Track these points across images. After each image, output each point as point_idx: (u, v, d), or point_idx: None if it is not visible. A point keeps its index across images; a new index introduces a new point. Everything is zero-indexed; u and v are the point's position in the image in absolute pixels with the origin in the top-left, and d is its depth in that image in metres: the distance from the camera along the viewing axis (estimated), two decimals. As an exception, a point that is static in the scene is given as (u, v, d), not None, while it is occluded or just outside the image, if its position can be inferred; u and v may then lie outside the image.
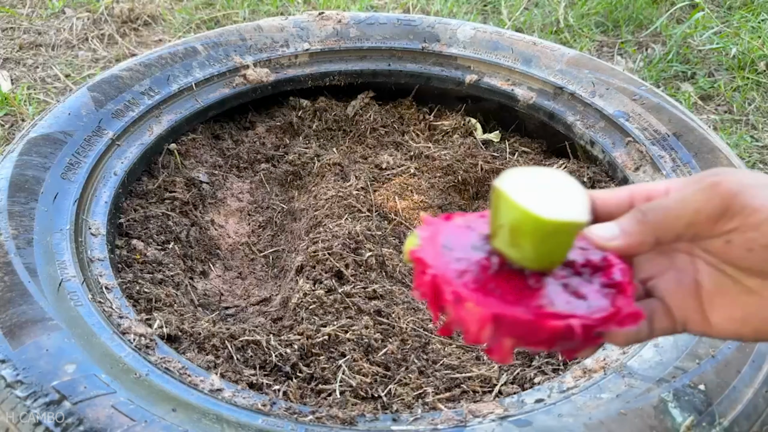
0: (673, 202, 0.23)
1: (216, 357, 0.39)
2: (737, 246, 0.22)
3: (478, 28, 0.64)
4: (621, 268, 0.23)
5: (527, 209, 0.21)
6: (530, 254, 0.22)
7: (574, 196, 0.22)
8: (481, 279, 0.22)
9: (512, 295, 0.21)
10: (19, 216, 0.42)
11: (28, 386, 0.33)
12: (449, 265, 0.22)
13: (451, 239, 0.23)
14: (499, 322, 0.21)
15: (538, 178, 0.22)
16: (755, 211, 0.22)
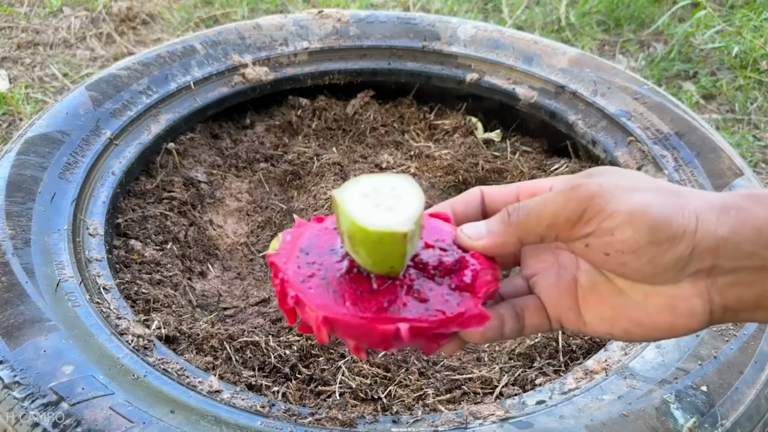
0: (535, 204, 0.23)
1: (215, 358, 0.39)
2: (595, 250, 0.22)
3: (479, 26, 0.63)
4: (475, 269, 0.24)
5: (354, 219, 0.22)
6: (367, 260, 0.23)
7: (408, 204, 0.22)
8: (326, 283, 0.23)
9: (353, 299, 0.22)
10: (16, 216, 0.42)
11: (26, 387, 0.33)
12: (299, 270, 0.23)
13: (311, 242, 0.24)
14: (332, 324, 0.22)
15: (378, 186, 0.23)
16: (609, 216, 0.22)
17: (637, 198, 0.22)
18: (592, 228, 0.22)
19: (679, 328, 0.23)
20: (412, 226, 0.22)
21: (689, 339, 0.37)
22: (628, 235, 0.21)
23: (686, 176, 0.48)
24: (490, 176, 0.56)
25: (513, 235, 0.24)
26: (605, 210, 0.22)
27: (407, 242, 0.22)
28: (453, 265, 0.24)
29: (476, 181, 0.56)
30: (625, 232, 0.21)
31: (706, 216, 0.22)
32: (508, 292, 0.26)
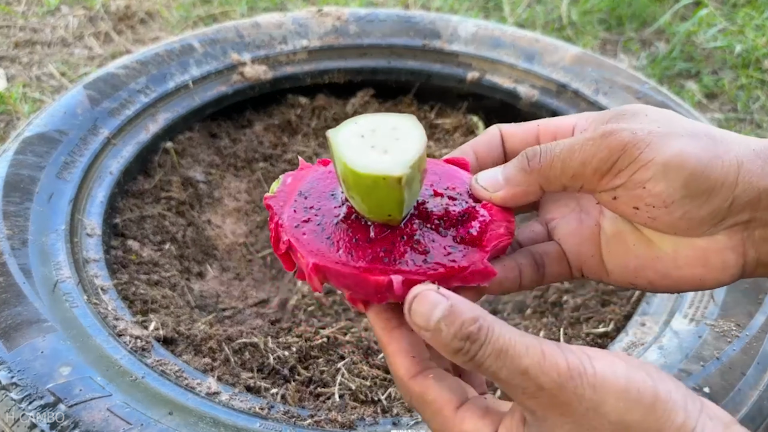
0: (560, 150, 0.21)
1: (213, 359, 0.39)
2: (623, 203, 0.21)
3: (480, 25, 0.63)
4: (484, 221, 0.22)
5: (347, 162, 0.20)
6: (362, 206, 0.21)
7: (408, 146, 0.20)
8: (321, 229, 0.21)
9: (347, 247, 0.21)
10: (14, 216, 0.41)
11: (24, 389, 0.33)
12: (294, 214, 0.22)
13: (311, 186, 0.23)
14: (324, 273, 0.21)
15: (377, 126, 0.21)
16: (643, 167, 0.20)
17: (673, 146, 0.20)
18: (623, 180, 0.20)
19: (709, 281, 0.21)
20: (408, 170, 0.20)
21: (692, 340, 0.36)
22: (660, 188, 0.20)
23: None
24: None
25: (534, 184, 0.22)
26: (638, 161, 0.20)
27: (404, 188, 0.20)
28: (460, 215, 0.22)
29: (477, 180, 0.56)
30: (658, 185, 0.20)
31: (748, 166, 0.20)
32: (525, 238, 0.24)
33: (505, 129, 0.24)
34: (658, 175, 0.20)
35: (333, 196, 0.23)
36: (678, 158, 0.20)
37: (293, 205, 0.22)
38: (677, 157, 0.20)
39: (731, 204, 0.20)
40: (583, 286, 0.49)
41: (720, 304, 0.38)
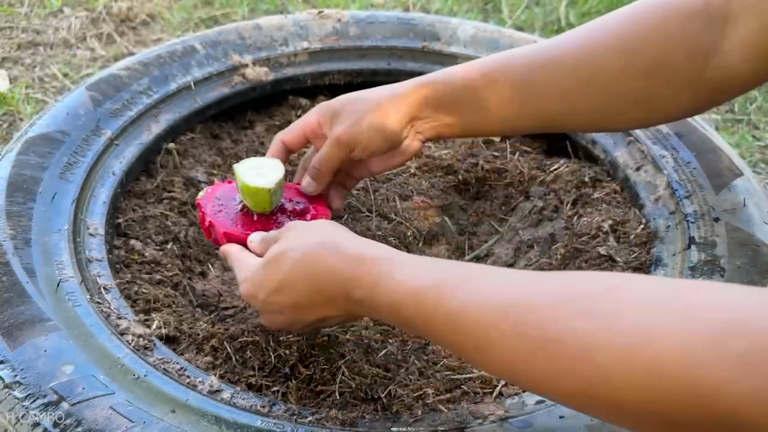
0: (325, 158, 0.41)
1: (215, 358, 0.39)
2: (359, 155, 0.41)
3: (479, 26, 0.63)
4: (313, 214, 0.42)
5: (244, 180, 0.40)
6: (250, 203, 0.41)
7: (273, 172, 0.40)
8: (228, 216, 0.41)
9: (241, 224, 0.41)
10: (17, 216, 0.42)
11: (27, 387, 0.33)
12: (213, 208, 0.41)
13: (222, 194, 0.43)
14: (228, 237, 0.40)
15: (259, 163, 0.41)
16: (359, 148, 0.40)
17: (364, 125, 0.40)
18: (357, 154, 0.40)
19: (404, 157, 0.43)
20: (273, 185, 0.40)
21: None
22: (374, 145, 0.40)
23: (685, 176, 0.48)
24: (490, 176, 0.56)
25: (326, 178, 0.42)
26: (357, 147, 0.40)
27: (271, 194, 0.40)
28: (301, 210, 0.42)
29: (476, 181, 0.56)
30: (372, 145, 0.40)
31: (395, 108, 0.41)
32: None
33: (282, 137, 0.43)
34: (367, 143, 0.40)
35: (234, 199, 0.42)
36: (372, 130, 0.40)
37: (212, 203, 0.42)
38: (372, 129, 0.40)
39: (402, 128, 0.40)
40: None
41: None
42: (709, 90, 0.36)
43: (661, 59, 0.35)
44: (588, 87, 0.37)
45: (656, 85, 0.36)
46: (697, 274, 0.40)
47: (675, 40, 0.35)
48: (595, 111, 0.38)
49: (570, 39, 0.38)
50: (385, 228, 0.52)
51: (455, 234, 0.55)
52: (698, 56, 0.35)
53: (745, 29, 0.33)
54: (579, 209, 0.51)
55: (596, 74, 0.36)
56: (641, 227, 0.47)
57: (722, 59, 0.34)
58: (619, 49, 0.36)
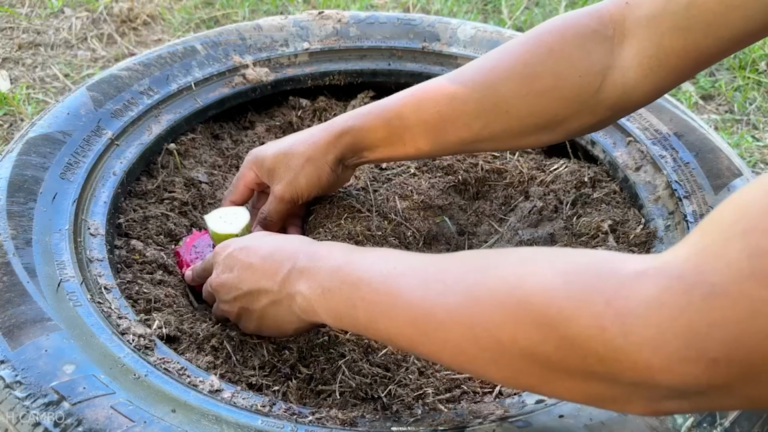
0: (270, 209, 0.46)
1: (215, 357, 0.39)
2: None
3: (479, 27, 0.63)
4: None
5: (213, 229, 0.45)
6: None
7: (239, 220, 0.46)
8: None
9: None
10: (18, 216, 0.42)
11: (27, 387, 0.33)
12: (190, 255, 0.47)
13: (198, 242, 0.48)
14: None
15: (226, 212, 0.47)
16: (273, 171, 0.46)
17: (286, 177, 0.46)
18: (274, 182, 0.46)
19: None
20: (240, 231, 0.45)
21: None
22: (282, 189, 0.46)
23: (685, 176, 0.48)
24: (490, 176, 0.56)
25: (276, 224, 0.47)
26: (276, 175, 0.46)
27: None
28: None
29: (476, 181, 0.56)
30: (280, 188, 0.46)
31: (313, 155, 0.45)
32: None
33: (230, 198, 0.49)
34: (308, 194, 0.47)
35: (209, 246, 0.47)
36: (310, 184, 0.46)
37: (190, 251, 0.47)
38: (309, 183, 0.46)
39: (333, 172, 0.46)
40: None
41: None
42: (608, 106, 0.38)
43: (557, 81, 0.37)
44: (491, 114, 0.39)
45: (555, 106, 0.38)
46: (696, 274, 0.40)
47: (571, 60, 0.37)
48: (501, 135, 0.40)
49: (476, 68, 0.40)
50: (385, 228, 0.52)
51: (455, 234, 0.55)
52: (594, 75, 0.36)
53: (640, 45, 0.35)
54: (578, 209, 0.51)
55: (498, 101, 0.39)
56: (640, 227, 0.47)
57: (620, 75, 0.36)
58: (518, 74, 0.38)
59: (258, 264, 0.36)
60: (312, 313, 0.33)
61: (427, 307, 0.26)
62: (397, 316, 0.28)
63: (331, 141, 0.43)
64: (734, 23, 0.32)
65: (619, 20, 0.36)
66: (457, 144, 0.43)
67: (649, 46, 0.35)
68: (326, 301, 0.32)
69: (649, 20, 0.35)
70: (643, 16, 0.35)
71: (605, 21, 0.36)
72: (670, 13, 0.34)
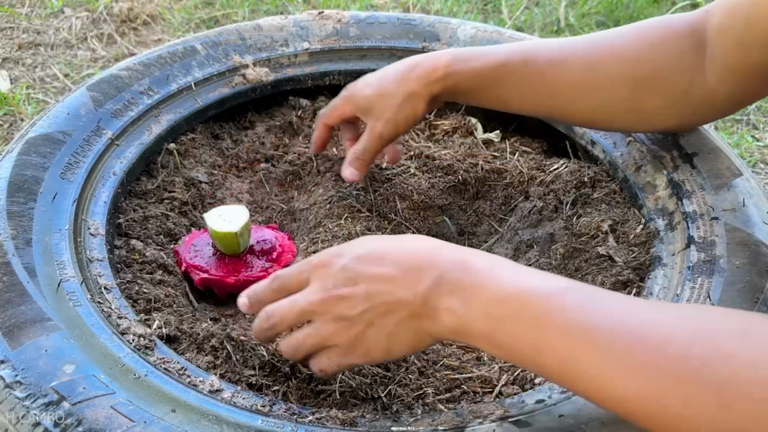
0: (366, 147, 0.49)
1: (215, 357, 0.39)
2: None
3: (479, 27, 0.63)
4: (279, 251, 0.48)
5: (212, 227, 0.45)
6: (220, 247, 0.47)
7: (239, 218, 0.46)
8: (203, 260, 0.46)
9: (216, 268, 0.46)
10: (18, 216, 0.42)
11: (27, 387, 0.33)
12: (189, 254, 0.47)
13: (197, 241, 0.48)
14: (204, 281, 0.46)
15: (225, 210, 0.47)
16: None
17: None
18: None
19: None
20: (239, 229, 0.45)
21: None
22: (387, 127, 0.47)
23: (685, 176, 0.48)
24: (490, 176, 0.57)
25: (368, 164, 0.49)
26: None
27: (238, 237, 0.45)
28: (269, 249, 0.48)
29: (476, 181, 0.56)
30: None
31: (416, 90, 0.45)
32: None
33: (326, 121, 0.51)
34: (404, 130, 0.48)
35: (208, 245, 0.47)
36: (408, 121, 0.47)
37: (189, 250, 0.47)
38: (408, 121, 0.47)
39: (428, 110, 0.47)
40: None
41: (716, 303, 0.38)
42: (694, 107, 0.41)
43: (655, 72, 0.40)
44: (588, 88, 0.42)
45: (647, 95, 0.41)
46: (696, 274, 0.40)
47: (668, 56, 0.40)
48: (592, 111, 0.43)
49: (587, 42, 0.43)
50: (385, 228, 0.52)
51: (455, 234, 0.55)
52: (685, 75, 0.40)
53: (714, 54, 0.38)
54: (578, 209, 0.51)
55: (597, 77, 0.42)
56: (640, 227, 0.47)
57: (704, 79, 0.39)
58: (621, 57, 0.41)
59: (393, 274, 0.29)
60: (465, 335, 0.28)
61: (658, 393, 0.23)
62: (615, 386, 0.24)
63: (433, 81, 0.44)
64: None
65: (702, 28, 0.39)
66: (551, 109, 0.45)
67: (720, 57, 0.38)
68: (493, 332, 0.27)
69: (718, 31, 0.38)
70: (715, 27, 0.38)
71: (696, 26, 0.39)
72: (732, 28, 0.36)
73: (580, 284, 0.28)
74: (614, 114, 0.43)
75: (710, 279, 0.40)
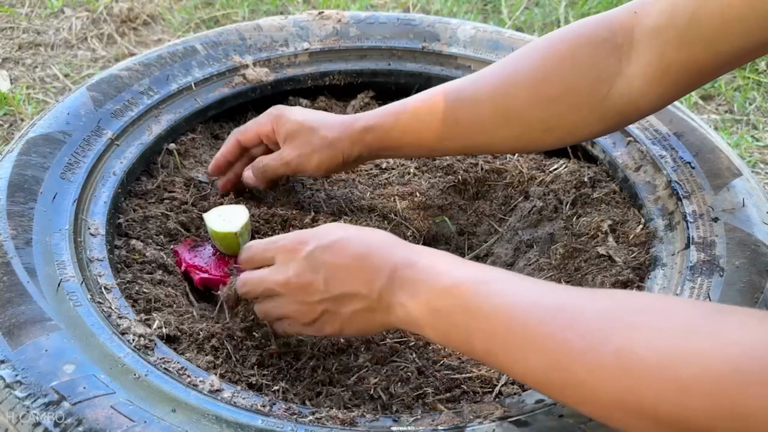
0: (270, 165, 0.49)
1: (215, 357, 0.39)
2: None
3: (479, 27, 0.63)
4: None
5: (212, 227, 0.45)
6: (220, 247, 0.47)
7: (238, 218, 0.46)
8: (203, 260, 0.46)
9: (215, 268, 0.46)
10: (18, 216, 0.42)
11: (27, 387, 0.33)
12: (189, 254, 0.47)
13: (196, 241, 0.48)
14: (204, 281, 0.45)
15: (225, 210, 0.47)
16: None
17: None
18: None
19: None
20: (239, 229, 0.45)
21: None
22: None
23: (685, 176, 0.48)
24: (490, 176, 0.57)
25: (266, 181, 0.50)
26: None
27: (238, 237, 0.45)
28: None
29: (475, 181, 0.56)
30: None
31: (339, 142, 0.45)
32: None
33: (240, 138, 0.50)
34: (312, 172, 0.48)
35: (207, 245, 0.47)
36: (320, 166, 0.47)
37: (189, 251, 0.47)
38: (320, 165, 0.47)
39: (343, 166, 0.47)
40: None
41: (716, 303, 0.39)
42: (616, 112, 0.39)
43: (567, 88, 0.39)
44: (503, 119, 0.42)
45: (564, 111, 0.40)
46: (696, 274, 0.40)
47: (581, 68, 0.38)
48: (512, 139, 0.43)
49: (490, 73, 0.42)
50: (385, 228, 0.52)
51: (455, 234, 0.55)
52: (602, 82, 0.38)
53: (645, 55, 0.36)
54: (578, 209, 0.51)
55: (510, 106, 0.41)
56: (640, 227, 0.47)
57: (627, 84, 0.38)
58: (530, 79, 0.40)
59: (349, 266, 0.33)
60: (414, 326, 0.32)
61: (564, 362, 0.25)
62: (527, 359, 0.27)
63: (355, 136, 0.45)
64: (734, 39, 0.33)
65: (628, 29, 0.37)
66: (469, 147, 0.46)
67: (653, 58, 0.36)
68: (435, 321, 0.31)
69: (653, 32, 0.36)
70: (648, 28, 0.36)
71: (615, 30, 0.37)
72: (674, 27, 0.34)
73: (510, 274, 0.31)
74: (537, 137, 0.42)
75: (710, 279, 0.40)
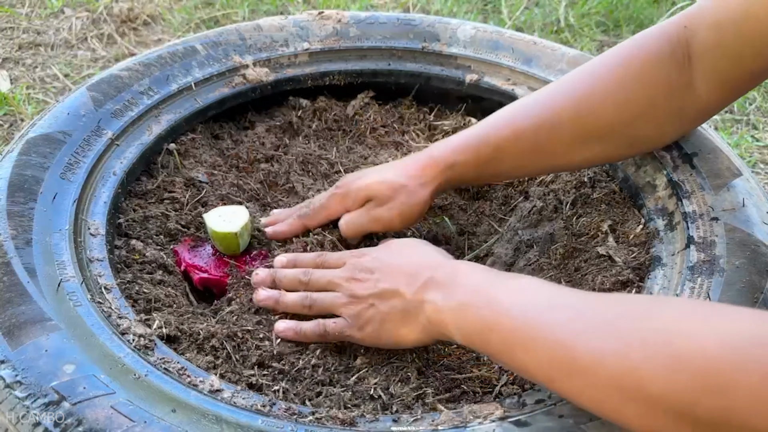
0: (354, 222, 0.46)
1: (215, 357, 0.39)
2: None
3: (479, 27, 0.63)
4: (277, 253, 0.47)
5: (212, 227, 0.46)
6: (220, 247, 0.47)
7: (238, 218, 0.46)
8: (202, 260, 0.47)
9: (214, 268, 0.46)
10: (18, 216, 0.42)
11: (27, 387, 0.33)
12: (189, 253, 0.47)
13: (195, 241, 0.48)
14: (204, 281, 0.46)
15: (225, 210, 0.47)
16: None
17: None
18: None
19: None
20: (239, 229, 0.45)
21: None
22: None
23: (685, 176, 0.48)
24: (490, 177, 0.56)
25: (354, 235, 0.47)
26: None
27: (238, 238, 0.46)
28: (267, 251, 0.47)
29: (476, 181, 0.56)
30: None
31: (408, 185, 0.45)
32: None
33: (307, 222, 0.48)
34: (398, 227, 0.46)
35: (207, 245, 0.48)
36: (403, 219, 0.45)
37: (189, 250, 0.47)
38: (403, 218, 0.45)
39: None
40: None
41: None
42: (690, 121, 0.43)
43: (649, 105, 0.41)
44: (584, 141, 0.42)
45: (647, 126, 0.42)
46: (696, 274, 0.40)
47: (658, 86, 0.41)
48: (593, 157, 0.44)
49: (569, 94, 0.42)
50: (385, 228, 0.51)
51: (455, 234, 0.55)
52: (676, 96, 0.41)
53: (705, 70, 0.40)
54: (578, 209, 0.51)
55: (592, 130, 0.42)
56: (640, 227, 0.47)
57: (695, 95, 0.41)
58: (612, 100, 0.41)
59: (400, 265, 0.37)
60: (440, 324, 0.34)
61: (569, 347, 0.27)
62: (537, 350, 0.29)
63: (435, 176, 0.44)
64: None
65: (683, 44, 0.40)
66: (549, 169, 0.47)
67: (710, 72, 0.40)
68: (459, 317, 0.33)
69: (705, 49, 0.39)
70: (700, 44, 0.39)
71: (674, 44, 0.40)
72: (722, 46, 0.38)
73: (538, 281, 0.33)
74: (619, 153, 0.44)
75: (710, 279, 0.40)
